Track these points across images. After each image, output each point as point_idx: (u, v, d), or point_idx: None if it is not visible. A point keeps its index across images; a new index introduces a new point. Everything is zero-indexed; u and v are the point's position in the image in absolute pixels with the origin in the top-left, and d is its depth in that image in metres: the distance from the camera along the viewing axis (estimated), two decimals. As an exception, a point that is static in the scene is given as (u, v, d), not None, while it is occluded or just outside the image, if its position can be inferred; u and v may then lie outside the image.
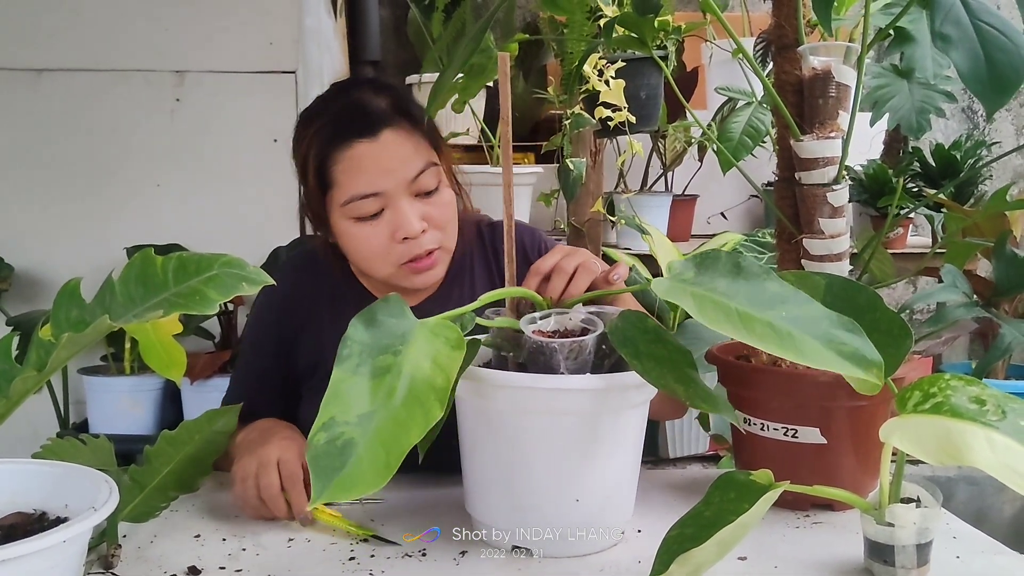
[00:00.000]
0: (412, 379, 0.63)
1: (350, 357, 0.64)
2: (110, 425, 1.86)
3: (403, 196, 1.05)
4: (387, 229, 1.05)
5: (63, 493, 0.70)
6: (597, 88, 1.46)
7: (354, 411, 0.61)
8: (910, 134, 1.63)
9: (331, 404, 0.61)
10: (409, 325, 0.68)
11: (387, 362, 0.64)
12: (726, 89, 1.83)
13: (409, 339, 0.67)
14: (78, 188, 2.09)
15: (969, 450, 0.61)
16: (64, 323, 0.59)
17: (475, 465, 0.86)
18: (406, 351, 0.65)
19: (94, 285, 0.64)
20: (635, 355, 0.74)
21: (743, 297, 0.66)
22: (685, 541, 0.66)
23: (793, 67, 0.98)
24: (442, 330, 0.69)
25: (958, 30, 0.60)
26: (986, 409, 0.63)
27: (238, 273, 0.60)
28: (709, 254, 0.71)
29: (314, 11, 2.23)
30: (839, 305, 0.74)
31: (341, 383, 0.62)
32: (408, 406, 0.62)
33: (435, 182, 1.08)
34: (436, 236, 1.08)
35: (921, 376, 0.80)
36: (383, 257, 1.07)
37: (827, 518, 0.93)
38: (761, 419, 0.94)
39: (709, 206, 2.57)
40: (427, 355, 0.65)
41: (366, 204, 1.04)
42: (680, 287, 0.69)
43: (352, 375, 0.63)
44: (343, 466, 0.58)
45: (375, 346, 0.65)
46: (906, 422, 0.67)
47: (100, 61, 2.08)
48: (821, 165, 0.94)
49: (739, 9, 2.22)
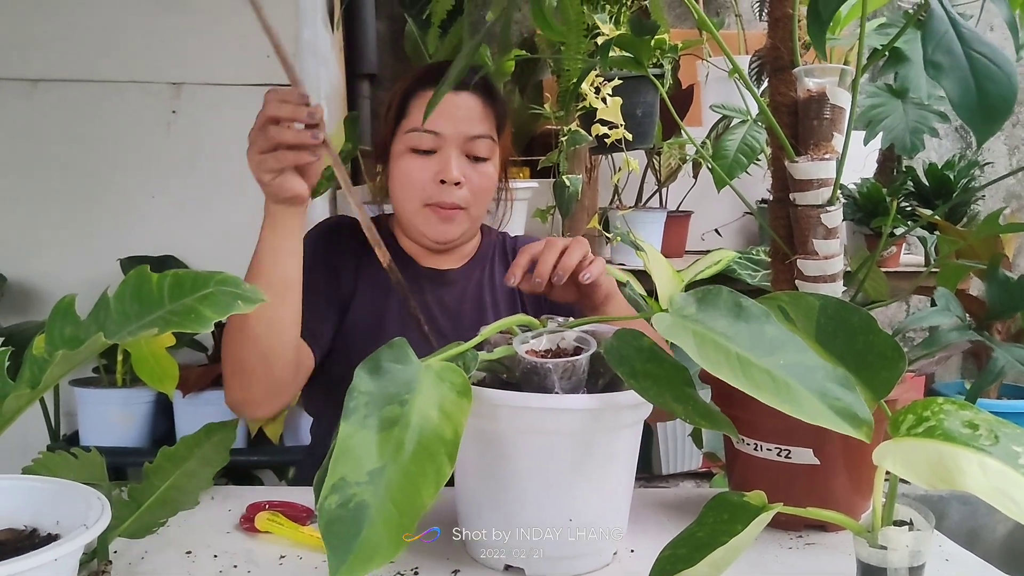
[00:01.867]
0: (421, 431, 0.62)
1: (357, 409, 0.62)
2: (101, 437, 1.84)
3: (455, 147, 1.19)
4: (432, 168, 1.19)
5: (54, 510, 0.69)
6: (594, 105, 1.47)
7: (364, 468, 0.59)
8: (904, 153, 1.64)
9: (340, 462, 0.59)
10: (414, 371, 0.68)
11: (394, 413, 0.63)
12: (721, 107, 1.84)
13: (415, 387, 0.66)
14: (72, 199, 2.08)
15: (962, 474, 0.61)
16: (58, 340, 0.59)
17: (468, 484, 0.85)
18: (413, 400, 0.64)
19: (88, 297, 0.64)
20: (632, 375, 0.73)
21: (743, 339, 0.66)
22: (678, 562, 0.65)
23: (788, 88, 0.99)
24: (448, 374, 0.68)
25: (950, 58, 0.60)
26: (979, 433, 0.63)
27: (234, 291, 0.60)
28: (711, 291, 0.71)
29: (311, 24, 2.23)
30: (833, 327, 0.74)
31: (349, 438, 0.61)
32: (418, 460, 0.60)
33: (487, 153, 1.21)
34: (466, 196, 1.20)
35: (914, 396, 0.80)
36: (418, 191, 1.20)
37: (820, 539, 0.93)
38: (755, 439, 0.94)
39: (703, 222, 2.58)
40: (434, 403, 0.65)
41: (425, 138, 1.18)
42: (681, 324, 0.69)
43: (360, 428, 0.61)
44: (359, 533, 0.56)
45: (381, 395, 0.64)
46: (899, 446, 0.67)
47: (96, 72, 2.07)
48: (815, 186, 0.94)
49: (735, 27, 2.24)
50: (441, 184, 1.18)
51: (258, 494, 1.03)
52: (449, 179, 1.18)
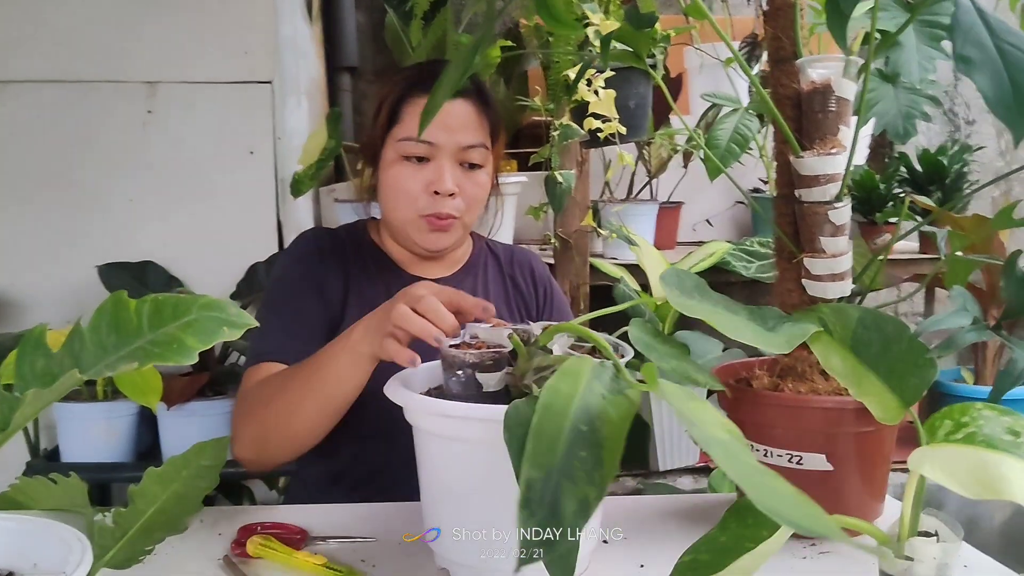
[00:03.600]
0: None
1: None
2: (83, 452, 1.78)
3: (449, 156, 1.16)
4: (425, 178, 1.16)
5: (32, 551, 0.65)
6: (587, 99, 1.42)
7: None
8: (896, 139, 1.61)
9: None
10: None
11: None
12: (712, 95, 1.80)
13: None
14: (46, 204, 2.01)
15: (1007, 483, 0.59)
16: (29, 375, 0.54)
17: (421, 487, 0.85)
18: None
19: (63, 305, 0.60)
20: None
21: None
22: (700, 568, 0.64)
23: (791, 80, 0.95)
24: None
25: (981, 52, 0.56)
26: (1021, 441, 0.60)
27: (219, 316, 0.56)
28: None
29: (290, 19, 2.17)
30: (868, 336, 0.73)
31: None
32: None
33: (481, 161, 1.18)
34: (460, 206, 1.17)
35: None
36: (411, 201, 1.17)
37: (834, 547, 0.90)
38: (765, 445, 0.91)
39: (694, 213, 2.55)
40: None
41: (418, 147, 1.15)
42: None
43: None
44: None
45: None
46: (936, 452, 0.64)
47: (68, 72, 2.01)
48: (822, 182, 0.91)
49: (722, 13, 2.20)
50: (435, 195, 1.16)
51: (249, 515, 0.98)
52: (443, 190, 1.15)
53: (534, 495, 0.52)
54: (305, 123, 2.22)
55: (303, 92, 2.26)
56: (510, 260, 1.34)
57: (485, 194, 1.22)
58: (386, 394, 0.82)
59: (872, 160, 2.31)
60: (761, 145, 1.90)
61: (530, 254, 1.37)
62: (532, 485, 0.52)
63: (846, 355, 0.77)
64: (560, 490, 0.52)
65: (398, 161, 1.17)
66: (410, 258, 1.25)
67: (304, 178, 1.86)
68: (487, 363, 0.79)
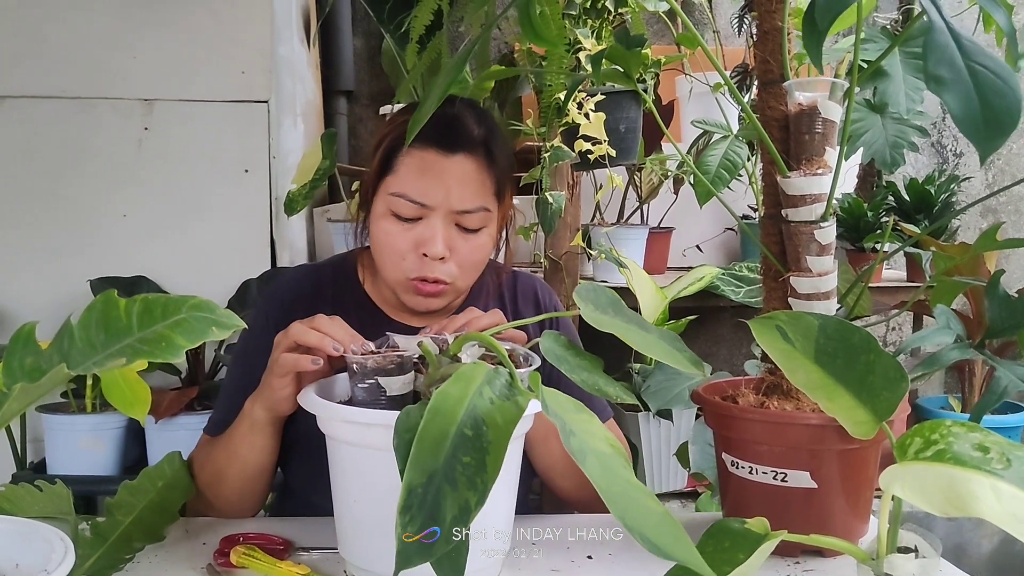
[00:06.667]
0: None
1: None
2: (70, 465, 1.77)
3: (443, 218, 1.06)
4: (415, 237, 1.06)
5: (15, 551, 0.65)
6: (577, 121, 1.45)
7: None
8: (884, 168, 1.64)
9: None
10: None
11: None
12: (702, 122, 1.83)
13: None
14: (41, 219, 2.02)
15: (975, 500, 0.59)
16: (18, 371, 0.55)
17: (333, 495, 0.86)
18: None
19: (56, 320, 0.60)
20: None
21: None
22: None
23: (778, 103, 0.96)
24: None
25: (952, 72, 0.58)
26: (990, 457, 0.61)
27: (208, 317, 0.57)
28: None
29: (287, 40, 2.20)
30: (833, 347, 0.72)
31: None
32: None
33: (479, 225, 1.08)
34: (453, 271, 1.08)
35: (900, 411, 0.79)
36: (398, 260, 1.07)
37: (817, 564, 0.90)
38: (749, 462, 0.91)
39: (684, 239, 2.57)
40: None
41: (409, 206, 1.05)
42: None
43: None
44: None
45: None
46: (907, 470, 0.64)
47: (65, 88, 2.02)
48: (808, 202, 0.92)
49: (713, 43, 2.24)
50: (424, 257, 1.06)
51: (232, 526, 0.98)
52: (433, 254, 1.05)
53: (414, 500, 0.52)
54: (300, 143, 2.24)
55: (299, 113, 2.28)
56: (512, 287, 1.25)
57: (484, 257, 1.12)
58: (299, 402, 0.84)
59: (860, 189, 2.33)
60: (751, 172, 1.93)
61: (535, 280, 1.30)
62: (413, 490, 0.53)
63: (812, 368, 0.76)
64: (441, 495, 0.53)
65: (387, 216, 1.07)
66: (394, 304, 1.16)
67: (298, 197, 1.86)
68: (389, 367, 0.80)
